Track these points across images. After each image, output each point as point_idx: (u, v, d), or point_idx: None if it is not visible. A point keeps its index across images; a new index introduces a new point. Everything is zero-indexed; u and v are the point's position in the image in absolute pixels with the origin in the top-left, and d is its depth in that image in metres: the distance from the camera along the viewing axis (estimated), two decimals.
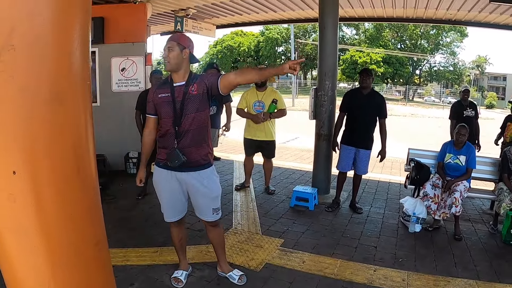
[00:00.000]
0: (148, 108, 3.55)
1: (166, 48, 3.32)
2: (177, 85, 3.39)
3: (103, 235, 2.23)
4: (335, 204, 6.39)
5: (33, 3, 1.68)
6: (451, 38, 67.17)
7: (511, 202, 5.50)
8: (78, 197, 1.97)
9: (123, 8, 8.18)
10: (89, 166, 2.03)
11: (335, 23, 6.89)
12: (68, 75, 1.82)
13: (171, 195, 3.59)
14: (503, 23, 9.48)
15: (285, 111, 6.78)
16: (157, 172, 3.59)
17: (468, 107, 7.73)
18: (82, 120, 1.93)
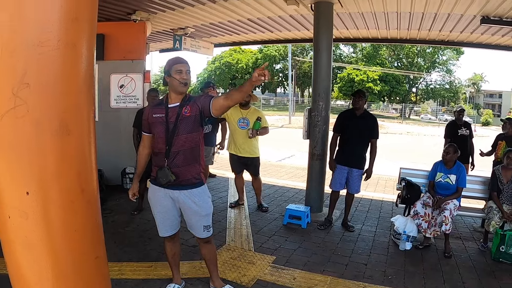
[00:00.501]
0: (143, 126, 3.67)
1: (186, 71, 3.48)
2: (172, 106, 3.52)
3: (103, 249, 2.45)
4: (328, 222, 6.49)
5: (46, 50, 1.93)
6: (447, 56, 67.74)
7: (500, 220, 5.65)
8: (82, 215, 2.21)
9: (123, 26, 8.34)
10: (92, 187, 2.26)
11: (329, 45, 7.11)
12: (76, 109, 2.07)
13: (165, 211, 3.68)
14: (495, 43, 9.68)
15: (268, 129, 7.02)
16: (152, 189, 3.69)
17: (462, 126, 7.87)
18: (86, 147, 2.17)
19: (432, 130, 39.62)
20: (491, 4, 6.48)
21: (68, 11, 1.93)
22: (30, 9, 1.89)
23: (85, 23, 2.06)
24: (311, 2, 7.00)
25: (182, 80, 3.43)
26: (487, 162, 7.90)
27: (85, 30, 2.07)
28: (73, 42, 1.98)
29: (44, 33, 1.90)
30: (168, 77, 3.48)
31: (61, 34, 1.93)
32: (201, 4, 7.47)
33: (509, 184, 5.85)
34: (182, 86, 3.45)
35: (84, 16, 2.05)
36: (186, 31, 9.96)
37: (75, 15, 1.96)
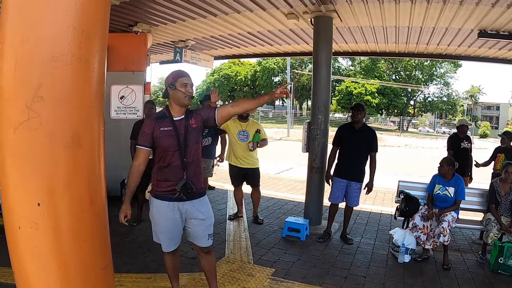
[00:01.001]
0: (143, 140, 3.49)
1: (191, 84, 3.50)
2: (177, 119, 3.50)
3: (110, 260, 2.50)
4: (326, 235, 6.51)
5: (60, 64, 2.01)
6: (444, 69, 68.18)
7: (498, 232, 5.69)
8: (90, 225, 2.27)
9: (124, 38, 8.42)
10: (101, 198, 2.32)
11: (329, 59, 7.20)
12: (87, 123, 2.13)
13: (172, 226, 3.60)
14: (492, 56, 9.80)
15: (267, 140, 7.13)
16: (158, 205, 3.57)
17: (464, 140, 7.92)
18: (96, 160, 2.23)
19: (430, 143, 39.77)
20: (488, 18, 6.58)
21: (82, 29, 2.00)
22: (46, 25, 1.96)
23: (97, 40, 2.13)
24: (311, 16, 7.09)
25: (188, 93, 3.44)
26: (486, 174, 7.96)
27: (97, 46, 2.14)
28: (86, 58, 2.04)
29: (58, 48, 1.97)
30: (172, 90, 3.46)
31: (75, 50, 2.00)
32: (202, 17, 7.55)
33: (507, 196, 5.89)
34: (187, 99, 3.46)
35: (97, 33, 2.12)
36: (186, 43, 10.05)
37: (88, 33, 2.02)
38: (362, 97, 59.54)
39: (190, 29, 8.65)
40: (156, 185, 3.57)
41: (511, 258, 5.30)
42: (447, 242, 5.48)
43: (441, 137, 49.93)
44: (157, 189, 3.57)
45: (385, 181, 11.24)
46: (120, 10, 7.02)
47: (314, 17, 7.09)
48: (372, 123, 62.43)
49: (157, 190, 3.57)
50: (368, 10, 6.78)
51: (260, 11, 7.07)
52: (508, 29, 7.15)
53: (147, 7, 6.97)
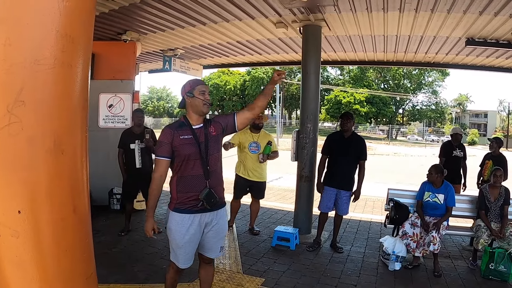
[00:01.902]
0: (162, 150, 3.35)
1: (208, 92, 3.48)
2: (196, 127, 3.42)
3: (93, 269, 2.43)
4: (316, 244, 6.48)
5: (42, 68, 1.96)
6: (433, 78, 68.97)
7: (488, 238, 5.71)
8: (73, 233, 2.20)
9: (113, 46, 8.41)
10: (84, 206, 2.25)
11: (317, 68, 7.23)
12: (70, 129, 2.07)
13: (192, 241, 3.43)
14: (479, 64, 9.92)
15: (278, 152, 7.03)
16: (178, 219, 3.37)
17: (457, 148, 7.96)
18: (79, 166, 2.17)
19: (419, 151, 40.00)
20: (476, 26, 6.65)
21: (65, 32, 1.96)
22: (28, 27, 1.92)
23: (81, 45, 2.09)
24: (300, 25, 7.11)
25: (206, 100, 3.39)
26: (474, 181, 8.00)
27: (81, 51, 2.10)
28: (69, 62, 2.00)
29: (41, 51, 1.93)
30: (191, 98, 3.39)
31: (57, 53, 1.96)
32: (191, 26, 7.55)
33: (497, 202, 5.92)
34: (206, 107, 3.39)
35: (81, 38, 2.08)
36: (175, 52, 10.03)
37: (72, 37, 1.99)
38: (351, 106, 59.90)
39: (179, 38, 8.64)
40: (176, 197, 3.40)
41: (502, 264, 5.31)
42: (437, 251, 5.49)
43: (430, 145, 50.30)
44: (177, 201, 3.39)
45: (374, 189, 11.24)
46: (109, 18, 7.00)
47: (303, 26, 7.12)
48: (361, 131, 62.82)
49: (178, 202, 3.39)
50: (357, 19, 6.82)
51: (249, 20, 7.08)
52: (495, 37, 7.23)
53: (136, 15, 6.96)
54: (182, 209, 3.36)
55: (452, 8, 5.91)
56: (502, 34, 7.00)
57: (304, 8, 6.30)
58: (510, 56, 8.65)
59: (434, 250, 5.46)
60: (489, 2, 5.56)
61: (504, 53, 8.38)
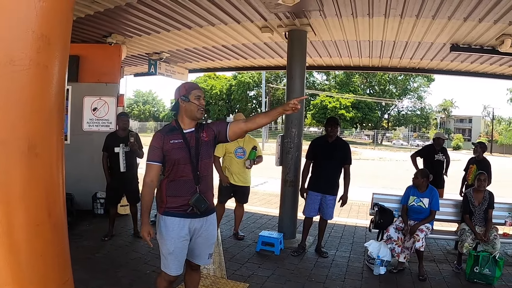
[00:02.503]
0: (153, 155, 3.31)
1: (203, 97, 3.41)
2: (187, 131, 3.37)
3: (70, 274, 2.37)
4: (301, 249, 6.46)
5: (17, 69, 1.91)
6: (418, 83, 69.72)
7: (473, 242, 5.76)
8: (48, 238, 2.14)
9: (98, 49, 8.34)
10: (59, 210, 2.19)
11: (302, 73, 7.23)
12: (45, 131, 2.00)
13: (183, 246, 3.35)
14: (464, 70, 9.99)
15: (262, 157, 7.00)
16: (168, 222, 3.30)
17: (440, 152, 8.03)
18: (54, 170, 2.11)
19: (404, 156, 40.18)
20: (460, 32, 6.70)
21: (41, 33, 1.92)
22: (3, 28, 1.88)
23: (57, 46, 2.05)
24: (285, 30, 7.11)
25: (202, 106, 3.36)
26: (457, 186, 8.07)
27: (57, 52, 2.06)
28: (44, 63, 1.96)
29: (16, 52, 1.88)
30: (185, 102, 3.33)
31: (33, 54, 1.92)
32: (177, 29, 7.51)
33: (481, 206, 5.98)
34: (200, 112, 3.36)
35: (58, 39, 2.04)
36: (161, 55, 9.98)
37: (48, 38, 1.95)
38: (336, 111, 60.20)
39: (165, 41, 8.60)
40: (165, 201, 3.34)
41: (486, 267, 5.36)
42: (422, 248, 5.52)
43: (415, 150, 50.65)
44: (166, 205, 3.34)
45: (359, 193, 11.27)
46: (94, 20, 6.94)
47: (288, 31, 7.12)
48: (346, 136, 63.16)
49: (167, 206, 3.33)
50: (342, 24, 6.84)
51: (235, 24, 7.07)
52: (480, 43, 7.30)
53: (122, 18, 6.91)
54: (173, 213, 3.30)
55: (437, 14, 5.95)
56: (486, 40, 7.07)
57: (290, 13, 6.31)
58: (494, 62, 8.74)
59: (419, 247, 5.50)
60: (474, 9, 5.61)
61: (488, 59, 8.46)
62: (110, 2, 6.05)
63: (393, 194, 7.00)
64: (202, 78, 72.05)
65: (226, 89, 72.79)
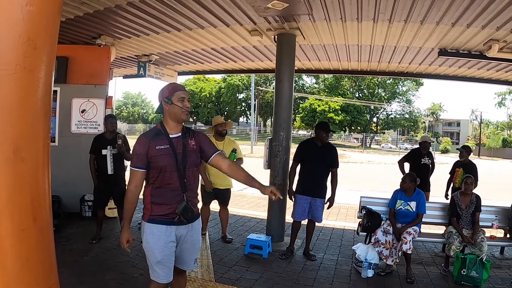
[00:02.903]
0: (137, 161, 3.16)
1: (188, 99, 3.29)
2: (174, 136, 3.25)
3: (56, 279, 2.35)
4: (289, 252, 6.47)
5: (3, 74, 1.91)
6: (407, 87, 70.17)
7: (460, 244, 5.81)
8: (34, 243, 2.13)
9: (87, 50, 8.31)
10: (45, 215, 2.18)
11: (291, 77, 7.25)
12: (31, 136, 1.99)
13: (170, 253, 3.24)
14: (452, 74, 10.10)
15: (243, 159, 6.98)
16: (154, 230, 3.18)
17: (426, 156, 8.09)
18: (40, 175, 2.10)
19: (393, 159, 40.33)
20: (449, 37, 6.77)
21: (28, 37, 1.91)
22: None
23: (44, 50, 2.04)
24: (274, 33, 7.13)
25: (186, 108, 3.22)
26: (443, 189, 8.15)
27: (44, 56, 2.05)
28: (31, 68, 1.95)
29: (2, 57, 1.87)
30: (169, 105, 3.21)
31: (19, 59, 1.91)
32: (166, 32, 7.51)
33: (468, 209, 6.04)
34: (185, 114, 3.22)
35: (44, 43, 2.03)
36: (150, 58, 9.96)
37: (35, 42, 1.94)
38: (325, 114, 60.41)
39: (154, 44, 8.59)
40: (150, 208, 3.21)
41: (473, 270, 5.41)
42: (409, 251, 5.56)
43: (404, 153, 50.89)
44: (152, 212, 3.20)
45: (348, 197, 11.30)
46: (84, 21, 6.91)
47: (277, 34, 7.14)
48: (335, 140, 63.46)
49: (152, 214, 3.20)
50: (331, 29, 6.88)
51: (224, 27, 7.08)
52: (468, 48, 7.38)
53: (111, 19, 6.89)
54: (158, 220, 3.18)
55: (425, 19, 6.00)
56: (474, 45, 7.15)
57: (279, 17, 6.33)
58: (482, 66, 8.84)
59: (407, 250, 5.53)
60: (462, 14, 5.67)
61: (476, 63, 8.57)
62: (100, 3, 6.03)
63: (381, 197, 7.04)
64: (191, 81, 71.97)
65: (215, 92, 72.78)
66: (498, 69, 8.98)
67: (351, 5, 5.72)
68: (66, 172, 7.53)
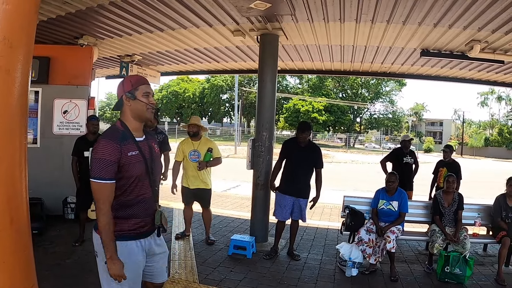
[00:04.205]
0: (108, 172, 2.59)
1: (153, 94, 2.88)
2: (140, 140, 2.84)
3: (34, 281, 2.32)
4: (273, 252, 6.48)
5: None
6: (390, 87, 70.73)
7: (443, 242, 5.88)
8: (11, 245, 2.09)
9: (69, 50, 8.20)
10: (22, 217, 2.14)
11: (274, 77, 7.27)
12: (7, 136, 1.95)
13: (139, 269, 2.86)
14: (434, 74, 10.21)
15: (221, 159, 6.95)
16: (123, 249, 2.70)
17: (408, 155, 8.16)
18: (17, 175, 2.06)
19: (376, 158, 40.46)
20: (431, 37, 6.83)
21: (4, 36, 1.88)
22: None
23: (20, 50, 2.01)
24: (257, 34, 7.14)
25: (152, 104, 2.82)
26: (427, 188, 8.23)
27: (20, 56, 2.02)
28: (6, 68, 1.92)
29: None
30: (131, 100, 2.77)
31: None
32: (149, 32, 7.46)
33: (450, 208, 6.12)
34: (150, 112, 2.80)
35: (21, 43, 1.99)
36: (133, 58, 9.89)
37: (10, 41, 1.90)
38: (309, 115, 60.65)
39: (137, 44, 8.53)
40: (116, 224, 2.69)
41: (457, 267, 5.49)
42: (393, 249, 5.60)
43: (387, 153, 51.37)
44: (120, 228, 2.72)
45: (332, 196, 11.35)
46: (66, 21, 6.83)
47: (260, 35, 7.15)
48: (319, 140, 63.73)
49: (121, 231, 2.72)
50: (314, 29, 6.90)
51: (207, 27, 7.05)
52: (450, 48, 7.46)
53: (93, 19, 6.82)
54: (128, 236, 2.75)
55: (407, 19, 6.05)
56: (456, 45, 7.23)
57: (262, 17, 6.33)
58: (464, 67, 8.94)
59: (390, 248, 5.58)
60: (444, 15, 5.73)
61: (458, 64, 8.66)
62: (82, 3, 5.97)
63: (364, 196, 7.10)
64: (175, 81, 71.78)
65: (199, 92, 72.66)
66: (480, 69, 9.10)
67: (333, 5, 5.74)
68: (48, 174, 7.45)
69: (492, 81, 10.32)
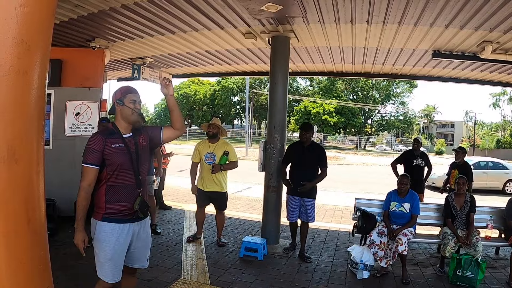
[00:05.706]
0: (92, 158, 3.19)
1: (139, 102, 3.41)
2: (126, 136, 3.37)
3: (50, 282, 2.33)
4: (292, 247, 6.65)
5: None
6: (401, 89, 70.35)
7: (455, 245, 5.83)
8: (27, 245, 2.11)
9: (81, 53, 8.25)
10: (39, 218, 2.16)
11: (285, 79, 7.27)
12: (25, 137, 1.98)
13: (121, 251, 3.32)
14: (446, 76, 10.15)
15: (237, 163, 6.87)
16: (107, 229, 3.24)
17: (419, 157, 8.13)
18: (34, 177, 2.09)
19: (387, 161, 40.39)
20: (442, 39, 6.80)
21: (22, 39, 1.90)
22: None
23: (38, 52, 2.03)
24: (269, 36, 7.14)
25: (136, 109, 3.34)
26: None
27: (37, 58, 2.04)
28: (24, 70, 1.94)
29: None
30: (120, 106, 3.33)
31: (13, 60, 1.90)
32: (160, 34, 7.49)
33: (462, 210, 6.06)
34: (135, 116, 3.34)
35: (38, 45, 2.02)
36: (144, 60, 9.94)
37: (28, 44, 1.93)
38: (320, 117, 60.51)
39: (148, 46, 8.58)
40: (104, 207, 3.26)
41: (469, 270, 5.44)
42: (405, 252, 5.57)
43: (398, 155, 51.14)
44: (106, 211, 3.26)
45: (343, 198, 11.33)
46: (78, 24, 6.88)
47: (272, 37, 7.16)
48: (330, 142, 63.55)
49: (106, 213, 3.26)
50: (325, 31, 6.89)
51: (218, 30, 7.07)
52: (461, 49, 7.42)
53: (105, 22, 6.86)
54: (113, 219, 3.26)
55: (419, 21, 6.03)
56: (467, 46, 7.18)
57: (273, 19, 6.33)
58: (475, 68, 8.88)
59: (402, 251, 5.55)
60: (455, 16, 5.70)
61: (469, 65, 8.60)
62: (94, 6, 6.02)
63: (376, 199, 7.06)
64: (186, 83, 71.96)
65: (210, 95, 72.73)
66: (492, 71, 9.03)
67: (344, 7, 5.73)
68: (60, 176, 7.49)
69: (504, 82, 10.22)
